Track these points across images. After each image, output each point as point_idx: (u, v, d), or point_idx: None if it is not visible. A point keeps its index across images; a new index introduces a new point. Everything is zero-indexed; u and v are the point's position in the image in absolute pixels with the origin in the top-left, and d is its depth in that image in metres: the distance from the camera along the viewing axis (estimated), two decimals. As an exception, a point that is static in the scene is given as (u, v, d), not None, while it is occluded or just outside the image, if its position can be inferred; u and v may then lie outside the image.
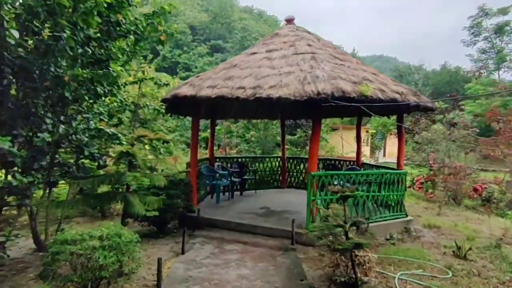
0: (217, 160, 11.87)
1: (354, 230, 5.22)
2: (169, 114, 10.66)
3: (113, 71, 6.31)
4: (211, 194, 10.71)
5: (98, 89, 6.30)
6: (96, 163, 7.25)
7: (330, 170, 11.63)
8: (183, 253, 6.45)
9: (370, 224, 7.67)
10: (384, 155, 30.62)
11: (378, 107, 7.88)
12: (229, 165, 11.98)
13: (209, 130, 12.13)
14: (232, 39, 66.35)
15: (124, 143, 7.19)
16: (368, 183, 8.10)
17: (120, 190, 7.94)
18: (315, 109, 7.46)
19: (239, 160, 12.53)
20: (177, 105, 8.48)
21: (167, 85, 8.55)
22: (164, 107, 9.09)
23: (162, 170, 10.90)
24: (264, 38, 9.58)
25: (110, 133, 7.11)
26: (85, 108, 6.88)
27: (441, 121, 15.41)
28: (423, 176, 14.75)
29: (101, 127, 7.17)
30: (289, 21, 10.16)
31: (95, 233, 4.33)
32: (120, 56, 6.78)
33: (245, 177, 11.94)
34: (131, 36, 6.82)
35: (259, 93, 6.82)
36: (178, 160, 14.05)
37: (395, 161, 8.95)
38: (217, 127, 20.30)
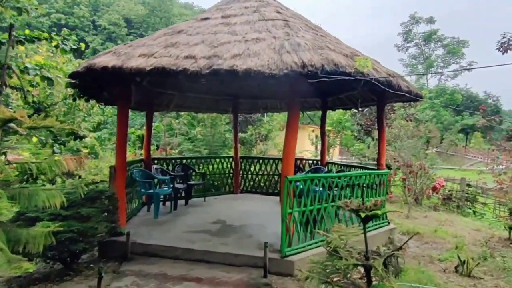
0: (155, 162, 9.52)
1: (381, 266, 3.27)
2: (93, 103, 8.16)
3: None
4: (147, 205, 8.35)
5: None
6: None
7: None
8: (101, 307, 4.15)
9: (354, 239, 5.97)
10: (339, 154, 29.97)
11: (371, 90, 6.15)
12: (170, 168, 9.69)
13: (145, 127, 9.69)
14: (171, 34, 62.97)
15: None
16: (351, 187, 6.32)
17: None
18: (295, 90, 5.50)
19: (184, 161, 10.26)
20: (93, 84, 6.03)
21: (76, 50, 5.94)
22: (76, 92, 6.52)
23: (79, 177, 8.35)
24: (218, 3, 7.42)
25: None
26: None
27: (402, 116, 14.31)
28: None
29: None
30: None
31: None
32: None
33: (192, 182, 9.71)
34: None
35: (217, 64, 4.69)
36: (102, 164, 11.31)
37: (349, 160, 7.34)
38: (156, 124, 17.68)
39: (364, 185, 6.48)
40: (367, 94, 8.03)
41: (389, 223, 7.06)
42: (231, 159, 11.00)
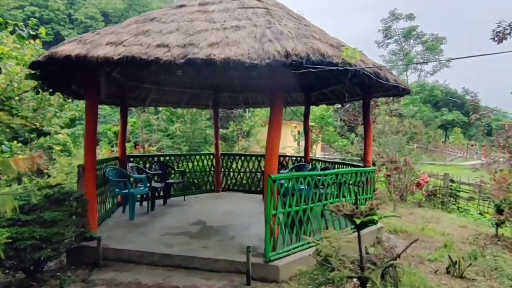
0: (131, 160, 9.03)
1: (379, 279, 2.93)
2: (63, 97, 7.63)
3: None
4: (123, 206, 7.88)
5: None
6: None
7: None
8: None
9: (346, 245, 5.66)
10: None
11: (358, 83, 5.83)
12: (148, 166, 9.21)
13: (119, 123, 9.14)
14: (150, 30, 61.70)
15: None
16: (338, 185, 6.01)
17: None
18: (278, 82, 5.13)
19: (161, 159, 9.79)
20: (57, 76, 5.52)
21: (36, 37, 5.35)
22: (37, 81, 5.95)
23: (48, 176, 7.80)
24: (195, -9, 6.96)
25: None
26: None
27: (386, 111, 14.10)
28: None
29: None
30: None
31: None
32: None
33: (170, 180, 9.26)
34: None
35: (192, 53, 4.27)
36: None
37: (331, 156, 7.05)
38: (133, 120, 17.06)
39: (351, 183, 6.20)
40: (352, 88, 7.73)
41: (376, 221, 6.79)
42: (212, 156, 10.58)
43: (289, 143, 21.17)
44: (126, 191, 7.37)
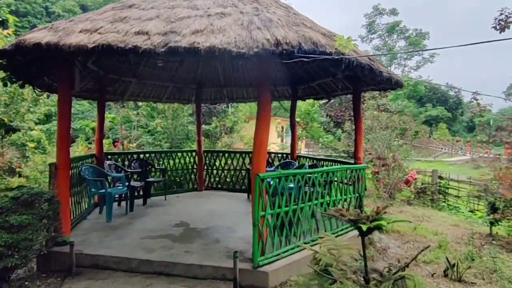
0: (109, 157, 8.57)
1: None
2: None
3: None
4: (100, 206, 7.43)
5: None
6: None
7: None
8: None
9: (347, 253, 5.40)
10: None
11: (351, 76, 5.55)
12: (126, 164, 8.76)
13: (96, 118, 8.62)
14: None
15: None
16: (328, 183, 5.72)
17: None
18: (266, 73, 4.80)
19: (141, 156, 9.34)
20: (26, 65, 5.04)
21: (2, 23, 4.83)
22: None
23: (19, 175, 7.25)
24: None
25: None
26: None
27: (373, 106, 13.91)
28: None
29: None
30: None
31: None
32: None
33: (150, 179, 8.84)
34: None
35: (174, 42, 3.89)
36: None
37: (315, 153, 6.75)
38: (112, 115, 16.46)
39: (342, 181, 5.93)
40: (341, 82, 7.47)
41: (367, 221, 6.54)
42: (194, 153, 10.18)
43: (273, 139, 20.88)
44: (103, 191, 6.93)
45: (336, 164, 7.58)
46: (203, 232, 6.00)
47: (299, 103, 12.45)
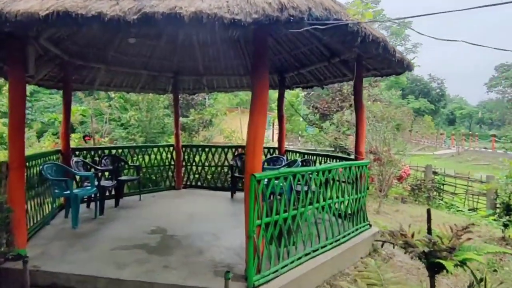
0: (77, 153, 7.64)
1: None
2: None
3: None
4: (66, 209, 6.52)
5: None
6: None
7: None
8: None
9: (335, 252, 4.75)
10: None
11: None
12: (97, 161, 7.85)
13: (62, 110, 7.61)
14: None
15: None
16: (325, 182, 5.03)
17: None
18: (264, 48, 4.03)
19: (113, 152, 8.42)
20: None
21: None
22: None
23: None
24: None
25: None
26: None
27: (365, 96, 13.25)
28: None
29: None
30: None
31: None
32: None
33: (123, 177, 7.95)
34: None
35: (150, 6, 3.06)
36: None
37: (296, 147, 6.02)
38: (82, 107, 15.30)
39: (343, 180, 5.25)
40: (336, 67, 6.78)
41: (370, 225, 5.90)
42: (172, 148, 9.33)
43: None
44: (68, 192, 6.02)
45: (332, 160, 6.93)
46: (184, 241, 5.20)
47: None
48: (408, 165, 10.93)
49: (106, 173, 7.80)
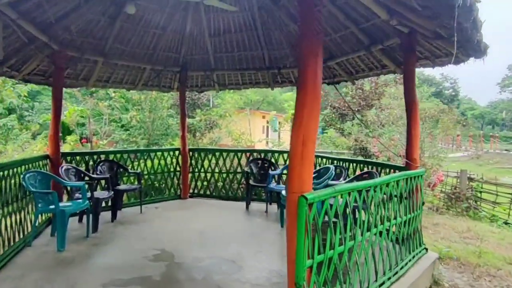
0: (68, 159, 6.56)
1: None
2: None
3: None
4: (52, 225, 5.43)
5: None
6: None
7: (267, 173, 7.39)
8: None
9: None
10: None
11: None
12: (91, 167, 6.76)
13: (51, 109, 6.49)
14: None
15: None
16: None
17: None
18: (312, 24, 2.91)
19: (111, 157, 7.33)
20: None
21: None
22: None
23: None
24: None
25: None
26: None
27: (390, 96, 12.10)
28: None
29: None
30: None
31: None
32: None
33: (122, 186, 6.86)
34: None
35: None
36: None
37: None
38: (79, 108, 14.21)
39: (395, 194, 4.10)
40: (375, 55, 5.66)
41: (427, 249, 4.74)
42: (177, 152, 8.23)
43: (259, 134, 19.10)
44: (53, 207, 4.92)
45: (367, 166, 5.80)
46: (195, 272, 4.07)
47: (289, 93, 10.67)
48: (441, 171, 9.77)
49: (103, 182, 6.72)
